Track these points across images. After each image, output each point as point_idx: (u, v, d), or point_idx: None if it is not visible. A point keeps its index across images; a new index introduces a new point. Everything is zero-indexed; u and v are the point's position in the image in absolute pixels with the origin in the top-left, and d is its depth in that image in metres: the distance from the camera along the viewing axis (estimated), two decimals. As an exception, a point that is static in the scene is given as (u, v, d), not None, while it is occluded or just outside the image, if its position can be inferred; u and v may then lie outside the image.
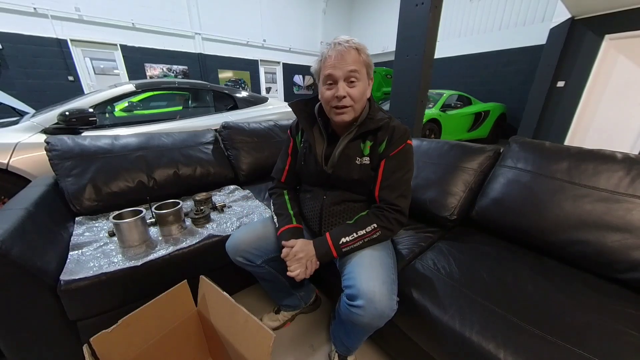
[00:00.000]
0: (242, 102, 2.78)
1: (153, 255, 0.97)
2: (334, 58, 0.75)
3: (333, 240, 0.80)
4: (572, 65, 4.46)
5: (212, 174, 1.60)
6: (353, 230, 0.80)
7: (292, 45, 8.38)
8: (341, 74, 0.75)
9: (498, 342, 0.65)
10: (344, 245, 0.79)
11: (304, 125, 0.90)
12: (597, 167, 0.95)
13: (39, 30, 4.92)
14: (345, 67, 0.75)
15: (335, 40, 0.77)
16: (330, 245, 0.80)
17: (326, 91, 0.79)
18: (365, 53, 0.78)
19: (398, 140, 0.82)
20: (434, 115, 4.67)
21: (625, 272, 0.82)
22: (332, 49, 0.76)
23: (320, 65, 0.79)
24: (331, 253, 0.80)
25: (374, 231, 0.80)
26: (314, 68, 0.83)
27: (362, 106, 0.82)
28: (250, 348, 0.74)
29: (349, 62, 0.75)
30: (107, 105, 2.20)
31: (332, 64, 0.75)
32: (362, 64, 0.77)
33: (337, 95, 0.76)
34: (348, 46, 0.75)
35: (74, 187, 1.21)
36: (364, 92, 0.80)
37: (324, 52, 0.78)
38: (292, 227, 0.89)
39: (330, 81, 0.77)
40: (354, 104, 0.79)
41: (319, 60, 0.80)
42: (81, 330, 0.89)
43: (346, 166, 0.86)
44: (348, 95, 0.77)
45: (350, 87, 0.77)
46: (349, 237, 0.79)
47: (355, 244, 0.79)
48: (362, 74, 0.77)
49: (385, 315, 0.70)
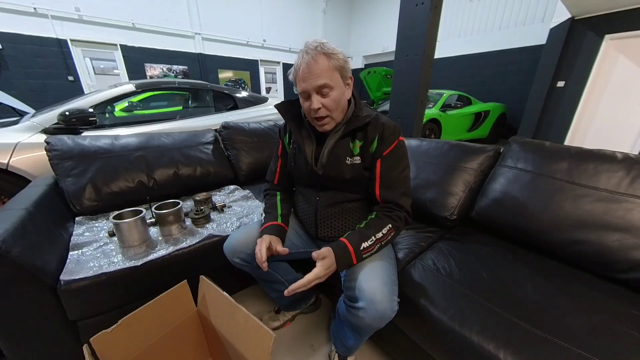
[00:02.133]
0: (242, 102, 2.78)
1: (153, 255, 0.97)
2: (301, 71, 0.74)
3: (354, 247, 0.75)
4: (572, 65, 4.46)
5: (212, 174, 1.60)
6: (371, 234, 0.77)
7: (292, 45, 8.38)
8: (311, 88, 0.74)
9: (498, 342, 0.65)
10: (364, 252, 0.76)
11: (292, 126, 0.90)
12: (597, 167, 0.95)
13: (39, 30, 4.92)
14: (315, 82, 0.73)
15: (305, 47, 0.76)
16: (352, 253, 0.74)
17: (304, 102, 0.80)
18: (336, 57, 0.75)
19: (389, 138, 0.82)
20: (434, 115, 4.66)
21: (625, 272, 0.82)
22: (301, 59, 0.74)
23: (295, 77, 0.78)
24: (352, 262, 0.75)
25: (389, 232, 0.79)
26: (291, 77, 0.81)
27: (341, 111, 0.82)
28: (250, 348, 0.74)
29: (318, 73, 0.73)
30: (107, 105, 2.20)
31: (302, 78, 0.75)
32: (333, 69, 0.75)
33: (312, 108, 0.76)
34: (316, 54, 0.73)
35: (74, 187, 1.21)
36: (340, 98, 0.79)
37: (296, 62, 0.77)
38: (276, 224, 0.89)
39: (304, 95, 0.78)
40: (330, 113, 0.79)
41: (293, 71, 0.78)
42: (81, 330, 0.89)
43: (336, 166, 0.85)
44: (323, 106, 0.77)
45: (324, 98, 0.76)
46: (369, 242, 0.76)
47: (374, 249, 0.77)
48: (334, 81, 0.75)
49: (386, 317, 0.70)
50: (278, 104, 0.92)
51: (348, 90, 0.82)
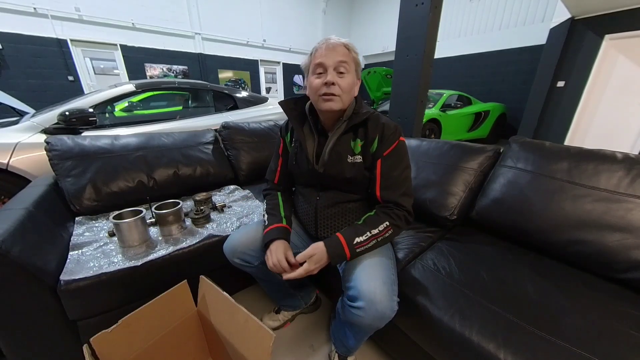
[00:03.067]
0: (242, 102, 2.78)
1: (153, 255, 0.97)
2: (324, 49, 0.78)
3: (347, 241, 0.76)
4: (572, 65, 4.46)
5: (212, 174, 1.60)
6: (366, 230, 0.78)
7: (292, 45, 8.38)
8: (331, 63, 0.77)
9: (498, 342, 0.65)
10: (358, 246, 0.76)
11: (294, 123, 0.90)
12: (597, 167, 0.95)
13: (39, 30, 4.92)
14: (335, 57, 0.77)
15: (326, 38, 0.81)
16: (344, 246, 0.76)
17: (315, 79, 0.79)
18: (354, 51, 0.81)
19: (390, 137, 0.82)
20: (434, 115, 4.66)
21: (625, 272, 0.82)
22: (322, 43, 0.79)
23: (310, 59, 0.81)
24: (345, 255, 0.76)
25: (386, 230, 0.79)
26: (304, 63, 0.85)
27: (349, 99, 0.82)
28: (250, 348, 0.74)
29: (339, 53, 0.77)
30: (107, 105, 2.20)
31: (322, 54, 0.78)
32: (352, 59, 0.80)
33: (326, 82, 0.77)
34: (339, 42, 0.79)
35: (74, 187, 1.21)
36: (352, 86, 0.81)
37: (314, 47, 0.81)
38: (281, 227, 0.88)
39: (320, 70, 0.79)
40: (341, 94, 0.79)
41: (309, 55, 0.82)
42: (81, 330, 0.89)
43: (337, 164, 0.85)
44: (337, 83, 0.77)
45: (340, 78, 0.78)
46: (363, 237, 0.77)
47: (369, 244, 0.77)
48: (351, 67, 0.79)
49: (386, 317, 0.70)
50: (282, 100, 0.92)
51: (356, 86, 0.84)
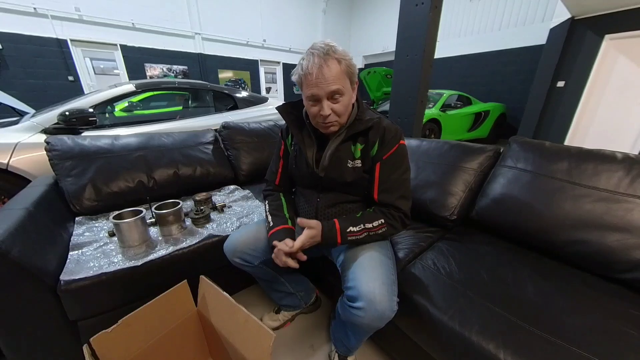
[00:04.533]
0: (242, 102, 2.78)
1: (153, 255, 0.97)
2: (315, 76, 0.71)
3: (341, 227, 0.80)
4: (572, 65, 4.46)
5: (212, 174, 1.60)
6: (361, 222, 0.81)
7: (292, 45, 8.38)
8: (323, 93, 0.73)
9: (498, 342, 0.65)
10: (350, 234, 0.80)
11: (293, 128, 0.90)
12: (597, 167, 0.95)
13: (39, 30, 4.91)
14: (328, 88, 0.72)
15: (313, 48, 0.73)
16: (337, 230, 0.79)
17: (311, 107, 0.78)
18: (346, 62, 0.74)
19: (390, 141, 0.82)
20: (434, 115, 4.66)
21: (625, 272, 0.82)
22: (312, 63, 0.71)
23: (302, 79, 0.75)
24: (336, 238, 0.79)
25: (380, 226, 0.81)
26: (295, 79, 0.79)
27: (348, 113, 0.82)
28: (250, 348, 0.74)
29: (331, 80, 0.72)
30: (107, 105, 2.20)
31: (314, 83, 0.72)
32: (345, 75, 0.74)
33: (321, 114, 0.76)
34: (327, 58, 0.71)
35: (74, 187, 1.21)
36: (349, 103, 0.80)
37: (303, 65, 0.73)
38: (287, 228, 0.89)
39: (313, 100, 0.76)
40: (338, 118, 0.79)
41: (300, 73, 0.75)
42: (81, 330, 0.89)
43: (338, 169, 0.86)
44: (333, 111, 0.76)
45: (335, 103, 0.76)
46: (357, 228, 0.80)
47: (361, 235, 0.80)
48: (345, 87, 0.75)
49: (386, 317, 0.70)
50: (279, 105, 0.92)
51: (354, 93, 0.82)
